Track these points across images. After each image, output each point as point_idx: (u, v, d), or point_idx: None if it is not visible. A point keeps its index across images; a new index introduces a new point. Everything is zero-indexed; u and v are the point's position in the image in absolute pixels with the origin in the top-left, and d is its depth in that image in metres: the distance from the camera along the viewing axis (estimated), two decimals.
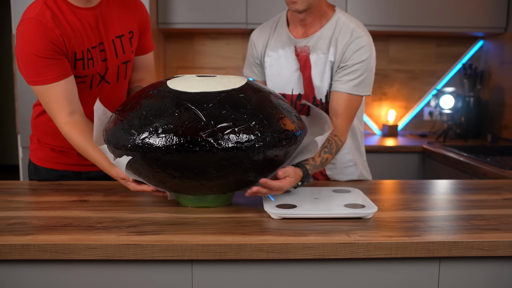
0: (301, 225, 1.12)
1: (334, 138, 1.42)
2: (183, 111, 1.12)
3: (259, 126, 1.13)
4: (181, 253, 1.01)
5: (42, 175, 1.60)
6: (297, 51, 1.53)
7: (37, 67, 1.34)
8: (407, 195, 1.41)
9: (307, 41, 1.51)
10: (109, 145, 1.19)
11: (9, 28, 5.47)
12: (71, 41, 1.38)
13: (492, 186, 1.54)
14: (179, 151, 1.08)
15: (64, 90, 1.37)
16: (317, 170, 1.35)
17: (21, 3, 2.72)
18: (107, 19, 1.47)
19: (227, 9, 2.91)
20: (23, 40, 1.35)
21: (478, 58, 3.39)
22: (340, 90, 1.47)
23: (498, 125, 3.16)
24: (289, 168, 1.23)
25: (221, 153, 1.09)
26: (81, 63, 1.42)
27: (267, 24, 1.62)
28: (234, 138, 1.10)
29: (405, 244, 1.03)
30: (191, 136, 1.08)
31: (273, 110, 1.18)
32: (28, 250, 1.00)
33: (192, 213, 1.22)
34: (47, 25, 1.34)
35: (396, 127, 3.28)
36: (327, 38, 1.49)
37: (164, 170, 1.12)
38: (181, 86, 1.18)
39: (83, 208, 1.25)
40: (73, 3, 1.40)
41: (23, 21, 1.35)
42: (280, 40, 1.56)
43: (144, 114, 1.14)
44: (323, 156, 1.35)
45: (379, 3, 2.98)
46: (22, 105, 2.78)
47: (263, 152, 1.13)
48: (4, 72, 5.86)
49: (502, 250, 1.04)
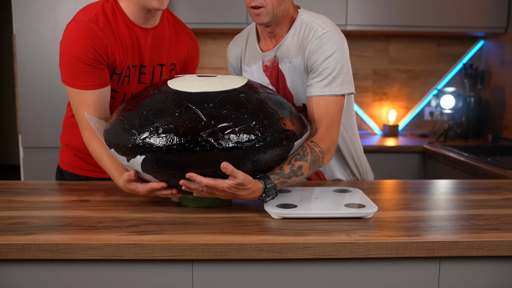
0: (302, 225, 1.12)
1: (310, 144, 1.27)
2: (183, 111, 1.12)
3: (260, 126, 1.13)
4: (182, 253, 1.01)
5: (64, 178, 1.62)
6: (264, 65, 1.47)
7: (76, 71, 1.33)
8: (408, 195, 1.41)
9: (274, 52, 1.44)
10: (110, 145, 1.18)
11: (10, 28, 5.48)
12: (115, 54, 1.37)
13: (492, 186, 1.54)
14: (180, 151, 1.08)
15: (97, 98, 1.36)
16: (290, 180, 1.21)
17: (22, 3, 2.72)
18: (157, 44, 1.46)
19: (227, 9, 2.91)
20: (69, 41, 1.33)
21: (479, 58, 3.39)
22: (311, 95, 1.36)
23: (499, 125, 3.16)
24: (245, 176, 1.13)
25: (222, 153, 1.09)
26: (117, 78, 1.41)
27: (240, 37, 1.57)
28: (235, 138, 1.10)
29: (405, 244, 1.03)
30: (191, 136, 1.08)
31: (273, 110, 1.19)
32: (28, 249, 1.00)
33: (193, 213, 1.22)
34: (97, 33, 1.33)
35: (396, 127, 3.28)
36: (293, 44, 1.41)
37: (165, 170, 1.13)
38: (182, 86, 1.19)
39: (83, 208, 1.26)
40: (130, 18, 1.39)
41: (75, 21, 1.34)
42: (252, 54, 1.51)
43: (144, 114, 1.15)
44: (294, 163, 1.21)
45: (379, 3, 2.98)
46: (23, 105, 2.79)
47: (263, 152, 1.13)
48: (5, 72, 5.87)
49: (502, 250, 1.04)
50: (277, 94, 1.29)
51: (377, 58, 3.38)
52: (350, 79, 1.39)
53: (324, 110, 1.35)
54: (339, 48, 1.36)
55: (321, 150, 1.28)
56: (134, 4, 1.37)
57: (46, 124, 2.80)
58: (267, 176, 1.18)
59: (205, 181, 1.12)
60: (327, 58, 1.34)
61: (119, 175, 1.27)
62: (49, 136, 2.80)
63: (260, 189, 1.17)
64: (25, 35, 2.74)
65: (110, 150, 1.20)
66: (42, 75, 2.77)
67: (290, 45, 1.42)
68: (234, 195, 1.16)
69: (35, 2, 2.72)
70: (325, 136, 1.32)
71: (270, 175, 1.18)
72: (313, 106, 1.36)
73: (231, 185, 1.13)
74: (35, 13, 2.73)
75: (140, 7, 1.37)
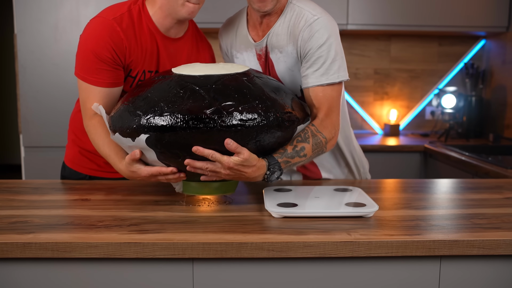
0: (302, 224, 1.12)
1: (311, 128, 1.28)
2: (187, 91, 1.14)
3: (262, 106, 1.15)
4: (182, 252, 1.01)
5: (67, 174, 1.63)
6: (257, 54, 1.46)
7: (91, 66, 1.33)
8: (408, 194, 1.41)
9: (264, 42, 1.41)
10: (115, 129, 1.19)
11: (11, 28, 5.48)
12: (133, 56, 1.37)
13: (493, 185, 1.54)
14: (184, 129, 1.09)
15: (106, 96, 1.36)
16: (293, 161, 1.23)
17: (23, 3, 2.73)
18: (176, 54, 1.46)
19: (228, 8, 2.90)
20: (89, 36, 1.33)
21: (480, 57, 3.39)
22: (309, 85, 1.34)
23: (500, 125, 3.16)
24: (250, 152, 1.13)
25: (225, 130, 1.10)
26: (131, 80, 1.41)
27: (230, 23, 1.54)
28: (238, 116, 1.11)
29: (406, 242, 1.03)
30: (195, 114, 1.10)
31: (275, 94, 1.21)
32: (29, 248, 1.00)
33: (193, 212, 1.22)
34: (119, 33, 1.33)
35: (397, 126, 3.28)
36: (282, 33, 1.38)
37: (169, 150, 1.13)
38: (186, 71, 1.22)
39: (84, 207, 1.26)
40: (156, 24, 1.39)
41: (100, 18, 1.34)
42: (243, 42, 1.48)
43: (149, 96, 1.16)
44: (296, 144, 1.23)
45: (380, 2, 2.98)
46: (24, 104, 2.79)
47: (266, 132, 1.14)
48: (7, 72, 5.88)
49: (503, 249, 1.04)
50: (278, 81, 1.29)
51: (378, 57, 3.38)
52: (345, 65, 1.37)
53: (323, 98, 1.34)
54: (332, 34, 1.33)
55: (324, 136, 1.29)
56: (162, 11, 1.37)
57: (47, 123, 2.80)
58: (270, 155, 1.20)
59: (211, 153, 1.11)
60: (321, 46, 1.32)
61: (120, 159, 1.26)
62: (50, 136, 2.80)
63: (264, 167, 1.18)
64: (26, 35, 2.75)
65: (114, 136, 1.20)
66: (43, 75, 2.77)
67: (279, 34, 1.39)
68: (239, 173, 1.15)
69: (37, 2, 2.73)
70: (326, 122, 1.31)
71: (273, 155, 1.21)
72: (311, 96, 1.35)
73: (237, 161, 1.12)
74: (36, 13, 2.73)
75: (169, 15, 1.37)
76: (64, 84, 2.78)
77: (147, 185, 1.49)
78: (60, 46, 2.76)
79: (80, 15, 2.74)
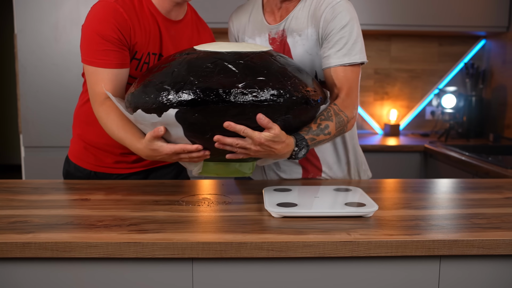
0: (302, 224, 1.12)
1: (334, 107, 1.32)
2: (217, 66, 1.13)
3: (291, 83, 1.16)
4: (182, 251, 1.01)
5: (71, 169, 1.62)
6: (271, 38, 1.49)
7: (97, 48, 1.33)
8: (408, 194, 1.41)
9: (281, 25, 1.46)
10: (136, 105, 1.17)
11: (11, 27, 5.48)
12: (137, 38, 1.37)
13: (493, 185, 1.54)
14: (215, 103, 1.08)
15: (115, 78, 1.35)
16: (319, 138, 1.26)
17: (23, 3, 2.73)
18: (178, 38, 1.46)
19: (228, 8, 2.90)
20: (93, 19, 1.33)
21: (480, 57, 3.39)
22: (331, 65, 1.37)
23: (500, 125, 3.16)
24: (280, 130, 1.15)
25: (257, 105, 1.10)
26: (136, 63, 1.41)
27: (243, 9, 1.57)
28: (270, 91, 1.11)
29: (405, 242, 1.02)
30: (228, 88, 1.09)
31: (300, 72, 1.22)
32: (29, 248, 1.00)
33: (193, 211, 1.22)
34: (122, 14, 1.33)
35: (398, 126, 3.28)
36: (302, 17, 1.42)
37: (198, 125, 1.11)
38: (211, 48, 1.21)
39: (84, 207, 1.26)
40: (156, 7, 1.40)
41: (101, 2, 1.34)
42: (256, 26, 1.52)
43: (176, 71, 1.15)
44: (320, 123, 1.26)
45: (381, 2, 2.98)
46: (24, 104, 2.79)
47: (295, 108, 1.15)
48: (7, 72, 5.88)
49: (502, 249, 1.04)
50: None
51: (378, 57, 3.38)
52: (363, 47, 1.40)
53: (343, 78, 1.37)
54: (353, 17, 1.38)
55: (346, 115, 1.33)
56: None
57: (48, 123, 2.80)
58: (296, 132, 1.23)
59: (243, 129, 1.11)
60: (344, 27, 1.36)
61: (138, 139, 1.25)
62: (50, 136, 2.80)
63: (292, 143, 1.20)
64: (26, 35, 2.75)
65: (134, 113, 1.18)
66: (43, 75, 2.78)
67: (299, 18, 1.43)
68: (269, 150, 1.16)
69: (37, 2, 2.73)
70: (346, 102, 1.35)
71: (299, 132, 1.23)
72: (332, 75, 1.38)
73: (268, 137, 1.13)
74: (36, 13, 2.73)
75: None
76: (64, 84, 2.78)
77: (147, 185, 1.49)
78: (60, 46, 2.76)
79: (80, 15, 2.74)
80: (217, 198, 1.34)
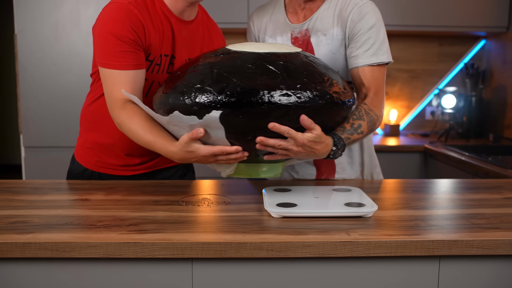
0: (301, 224, 1.12)
1: (364, 107, 1.34)
2: (259, 67, 1.12)
3: (329, 83, 1.16)
4: (181, 252, 1.01)
5: (74, 167, 1.62)
6: (293, 37, 1.50)
7: (113, 50, 1.30)
8: (408, 194, 1.41)
9: (305, 25, 1.47)
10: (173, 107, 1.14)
11: (12, 28, 5.49)
12: (152, 39, 1.36)
13: (493, 185, 1.54)
14: (260, 104, 1.08)
15: (133, 80, 1.32)
16: (353, 137, 1.28)
17: (23, 3, 2.73)
18: (190, 39, 1.45)
19: (228, 8, 2.91)
20: (107, 20, 1.31)
21: (480, 57, 3.39)
22: (358, 65, 1.40)
23: (500, 125, 3.16)
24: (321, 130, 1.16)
25: (301, 106, 1.10)
26: (148, 64, 1.39)
27: (264, 8, 1.58)
28: (313, 92, 1.12)
29: (405, 242, 1.03)
30: (273, 89, 1.08)
31: (334, 73, 1.23)
32: (29, 248, 1.00)
33: (193, 212, 1.22)
34: (136, 15, 1.31)
35: (398, 126, 3.28)
36: (328, 17, 1.45)
37: (241, 127, 1.11)
38: (246, 49, 1.20)
39: (84, 207, 1.26)
40: (169, 7, 1.39)
41: (114, 3, 1.32)
42: (278, 26, 1.52)
43: (215, 71, 1.13)
44: (353, 122, 1.29)
45: (380, 2, 2.97)
46: (24, 105, 2.79)
47: (333, 109, 1.16)
48: (7, 72, 5.88)
49: (502, 249, 1.04)
50: None
51: None
52: (388, 47, 1.43)
53: (371, 78, 1.40)
54: (379, 19, 1.41)
55: (376, 114, 1.36)
56: None
57: (48, 123, 2.80)
58: (333, 132, 1.24)
59: (287, 130, 1.11)
60: (371, 28, 1.39)
61: (170, 142, 1.21)
62: (51, 136, 2.80)
63: (330, 143, 1.21)
64: (26, 35, 2.75)
65: (171, 115, 1.14)
66: (43, 75, 2.78)
67: (324, 18, 1.45)
68: (310, 150, 1.16)
69: (37, 2, 2.73)
70: (375, 102, 1.38)
71: (335, 132, 1.25)
72: (360, 75, 1.40)
73: (310, 138, 1.14)
74: (36, 13, 2.74)
75: None
76: (64, 84, 2.78)
77: (146, 185, 1.49)
78: (60, 46, 2.76)
79: (80, 15, 2.74)
80: (217, 198, 1.34)
